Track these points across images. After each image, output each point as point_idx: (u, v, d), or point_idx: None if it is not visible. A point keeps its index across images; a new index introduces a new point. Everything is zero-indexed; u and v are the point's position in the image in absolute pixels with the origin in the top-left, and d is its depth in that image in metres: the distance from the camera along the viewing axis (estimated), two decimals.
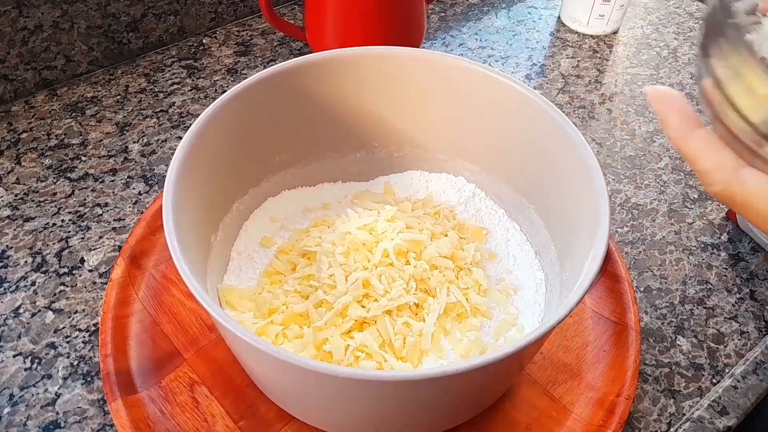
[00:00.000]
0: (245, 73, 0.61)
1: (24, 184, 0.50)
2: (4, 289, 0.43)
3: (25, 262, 0.44)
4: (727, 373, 0.41)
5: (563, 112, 0.37)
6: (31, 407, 0.37)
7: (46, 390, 0.38)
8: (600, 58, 0.67)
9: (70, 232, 0.46)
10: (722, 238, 0.50)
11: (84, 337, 0.41)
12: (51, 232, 0.46)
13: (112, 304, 0.40)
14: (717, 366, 0.42)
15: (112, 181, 0.50)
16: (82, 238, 0.46)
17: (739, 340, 0.43)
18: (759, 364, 0.41)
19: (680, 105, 0.27)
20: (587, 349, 0.40)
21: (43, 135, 0.53)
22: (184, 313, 0.41)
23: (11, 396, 0.38)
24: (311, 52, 0.62)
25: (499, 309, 0.39)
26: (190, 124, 0.55)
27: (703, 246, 0.49)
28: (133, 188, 0.50)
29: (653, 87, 0.28)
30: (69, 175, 0.50)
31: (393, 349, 0.35)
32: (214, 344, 0.39)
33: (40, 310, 0.42)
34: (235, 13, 0.67)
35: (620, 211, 0.51)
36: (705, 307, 0.45)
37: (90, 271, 0.44)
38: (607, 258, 0.44)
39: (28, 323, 0.41)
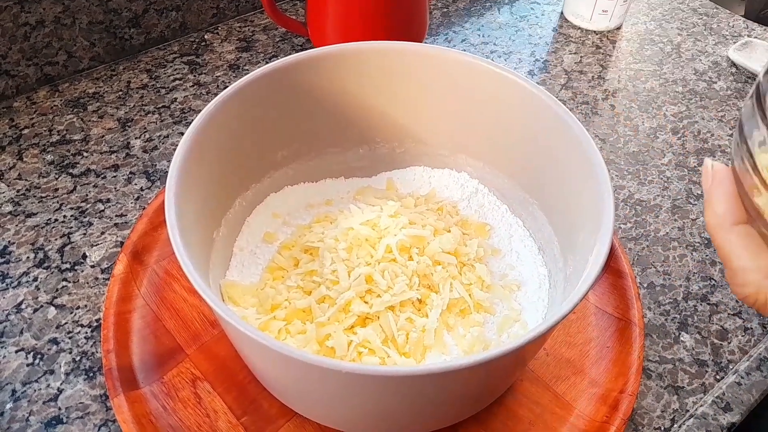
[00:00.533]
0: (247, 69, 0.61)
1: (26, 179, 0.49)
2: (6, 284, 0.43)
3: (27, 257, 0.44)
4: (731, 369, 0.41)
5: (566, 107, 0.37)
6: (33, 403, 0.37)
7: (48, 386, 0.38)
8: (603, 53, 0.66)
9: (72, 227, 0.46)
10: None
11: (86, 332, 0.41)
12: (53, 227, 0.46)
13: (114, 300, 0.40)
14: (721, 362, 0.42)
15: (114, 176, 0.50)
16: (84, 234, 0.46)
17: (743, 336, 0.43)
18: (763, 361, 0.41)
19: (730, 191, 0.26)
20: (590, 345, 0.40)
21: (44, 131, 0.53)
22: (186, 308, 0.41)
23: (13, 392, 0.38)
24: (313, 48, 0.62)
25: (503, 305, 0.39)
26: (192, 120, 0.55)
27: (706, 242, 0.49)
28: (135, 184, 0.50)
29: (710, 161, 0.27)
30: (71, 170, 0.50)
31: (396, 344, 0.35)
32: (217, 340, 0.39)
33: (42, 306, 0.42)
34: (236, 8, 0.66)
35: (623, 207, 0.51)
36: (709, 304, 0.45)
37: (92, 266, 0.44)
38: (611, 254, 0.44)
39: (30, 319, 0.41)
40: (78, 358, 0.39)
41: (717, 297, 0.45)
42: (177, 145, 0.53)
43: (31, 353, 0.39)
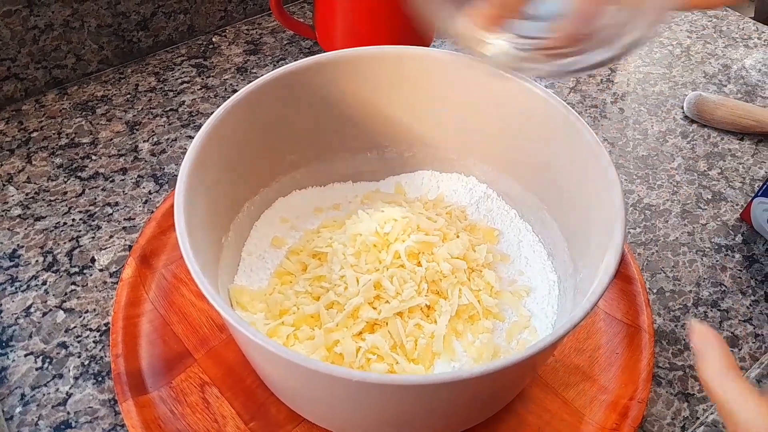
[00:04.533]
0: (255, 72, 0.61)
1: (35, 183, 0.50)
2: (16, 288, 0.43)
3: (36, 261, 0.44)
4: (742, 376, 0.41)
5: (575, 111, 0.37)
6: (42, 407, 0.37)
7: (57, 390, 0.38)
8: None
9: (80, 231, 0.47)
10: (736, 239, 0.49)
11: (95, 336, 0.41)
12: (62, 231, 0.46)
13: (122, 304, 0.40)
14: None
15: (122, 180, 0.50)
16: (93, 238, 0.46)
17: (753, 343, 0.43)
18: None
19: (721, 345, 0.27)
20: (600, 351, 0.40)
21: (53, 134, 0.54)
22: (194, 313, 0.41)
23: (23, 396, 0.38)
24: (321, 51, 0.62)
25: (512, 311, 0.39)
26: (200, 123, 0.55)
27: (717, 247, 0.48)
28: (143, 187, 0.50)
29: (697, 323, 0.28)
30: (79, 174, 0.51)
31: (404, 351, 0.35)
32: (225, 344, 0.39)
33: (51, 310, 0.42)
34: (244, 11, 0.67)
35: (633, 212, 0.51)
36: (719, 310, 0.44)
37: (101, 270, 0.44)
38: (620, 260, 0.44)
39: (39, 322, 0.41)
40: (87, 362, 0.39)
41: (727, 303, 0.45)
42: (185, 149, 0.53)
43: (40, 357, 0.39)
